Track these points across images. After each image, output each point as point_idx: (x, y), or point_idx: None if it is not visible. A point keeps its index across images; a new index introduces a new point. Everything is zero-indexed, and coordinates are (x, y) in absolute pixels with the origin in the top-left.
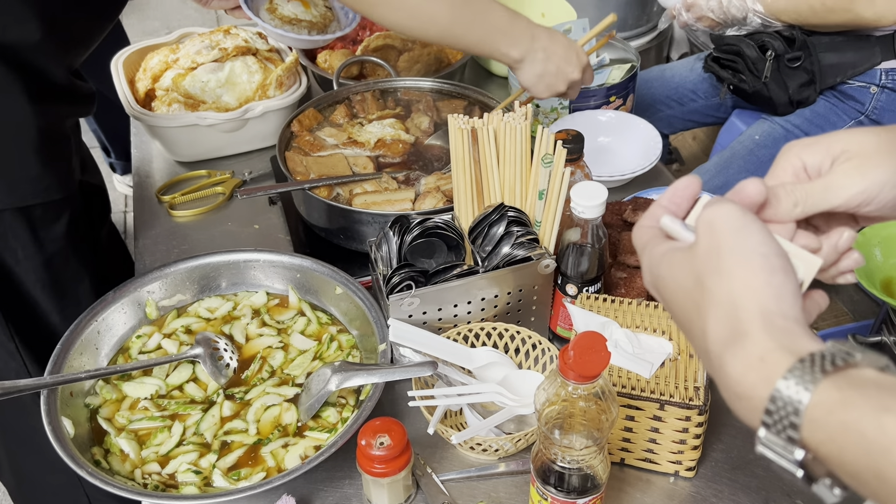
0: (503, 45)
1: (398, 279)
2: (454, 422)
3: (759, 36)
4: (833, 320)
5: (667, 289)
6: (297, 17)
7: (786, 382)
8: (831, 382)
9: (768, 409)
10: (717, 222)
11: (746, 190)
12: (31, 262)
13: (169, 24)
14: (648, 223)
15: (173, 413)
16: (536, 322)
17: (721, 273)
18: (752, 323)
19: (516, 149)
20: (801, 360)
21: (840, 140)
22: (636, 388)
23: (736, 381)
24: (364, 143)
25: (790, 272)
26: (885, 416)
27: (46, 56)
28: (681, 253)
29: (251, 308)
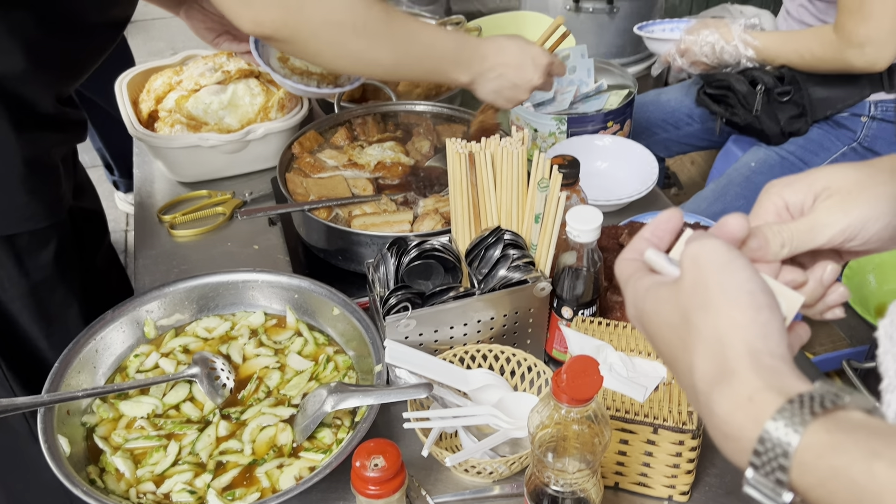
0: (452, 73)
1: (395, 300)
2: (449, 444)
3: (749, 71)
4: (830, 345)
5: (651, 323)
6: (307, 69)
7: (775, 424)
8: (821, 425)
9: (757, 450)
10: (702, 258)
11: (728, 225)
12: (16, 289)
13: (174, 45)
14: (631, 256)
15: (169, 432)
16: (532, 345)
17: (707, 309)
18: (739, 361)
19: (513, 173)
20: (790, 401)
21: (820, 177)
22: (630, 412)
23: (724, 420)
24: (364, 166)
25: (776, 309)
26: (876, 462)
27: (32, 86)
28: (666, 288)
29: (249, 328)
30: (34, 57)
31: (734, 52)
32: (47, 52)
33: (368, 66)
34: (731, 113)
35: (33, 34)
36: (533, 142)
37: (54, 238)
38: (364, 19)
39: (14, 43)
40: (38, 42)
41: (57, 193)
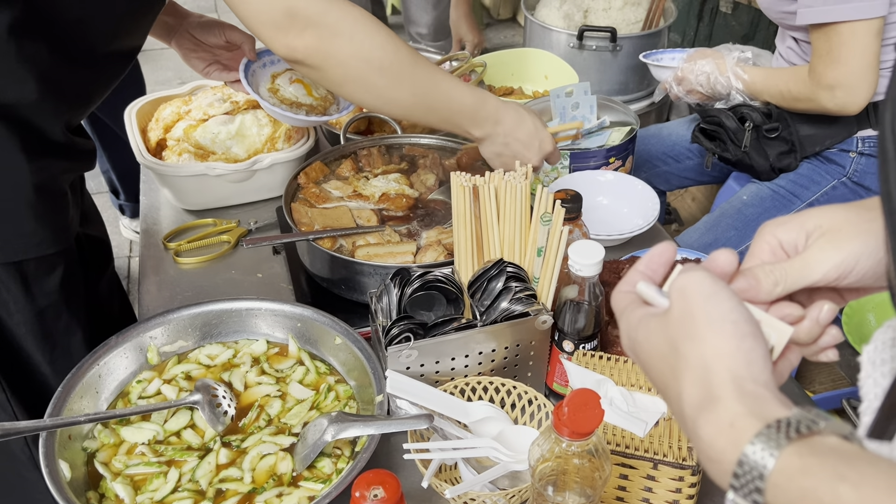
0: (466, 126)
1: (397, 331)
2: (449, 476)
3: (739, 108)
4: (830, 384)
5: (643, 352)
6: (297, 100)
7: (752, 448)
8: (794, 449)
9: (736, 472)
10: (688, 289)
11: (718, 260)
12: (22, 314)
13: (182, 74)
14: (626, 289)
15: (170, 459)
16: (533, 378)
17: (694, 338)
18: (723, 388)
19: (516, 206)
20: (768, 426)
21: (812, 217)
22: (630, 447)
23: (708, 444)
24: (369, 197)
25: (759, 337)
26: (841, 484)
27: (44, 114)
28: (655, 319)
29: (251, 356)
30: (46, 86)
31: (726, 84)
32: (59, 82)
33: (388, 105)
34: (723, 149)
35: (46, 64)
36: (536, 176)
37: (61, 264)
38: (392, 60)
39: (28, 72)
40: (50, 72)
41: (64, 220)
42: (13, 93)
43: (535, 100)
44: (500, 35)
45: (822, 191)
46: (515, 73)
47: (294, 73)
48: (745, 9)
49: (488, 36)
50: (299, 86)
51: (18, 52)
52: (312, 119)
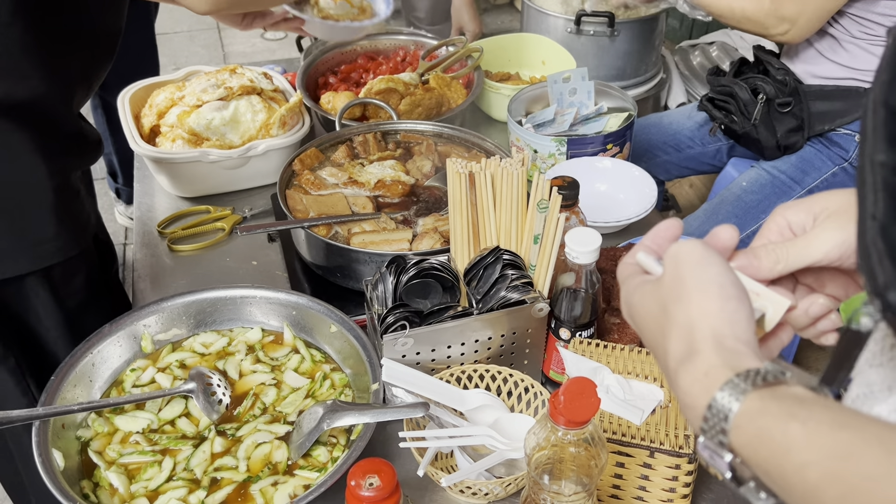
0: None
1: (393, 319)
2: (445, 464)
3: (753, 80)
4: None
5: (638, 315)
6: (338, 13)
7: (721, 394)
8: (757, 394)
9: (705, 416)
10: (680, 256)
11: (720, 235)
12: (51, 319)
13: (176, 60)
14: (630, 260)
15: (164, 448)
16: (529, 365)
17: (681, 299)
18: (704, 342)
19: (513, 193)
20: (737, 375)
21: (819, 199)
22: (627, 435)
23: (685, 391)
24: (364, 184)
25: (744, 300)
26: (791, 422)
27: (55, 104)
28: (650, 284)
29: (246, 344)
30: (51, 75)
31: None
32: (60, 68)
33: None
34: (731, 120)
35: (45, 52)
36: (533, 163)
37: (84, 265)
38: None
39: (31, 65)
40: (50, 59)
41: (83, 220)
42: (23, 89)
43: (533, 85)
44: (498, 20)
45: (822, 177)
46: (513, 59)
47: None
48: None
49: (486, 21)
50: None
51: (17, 45)
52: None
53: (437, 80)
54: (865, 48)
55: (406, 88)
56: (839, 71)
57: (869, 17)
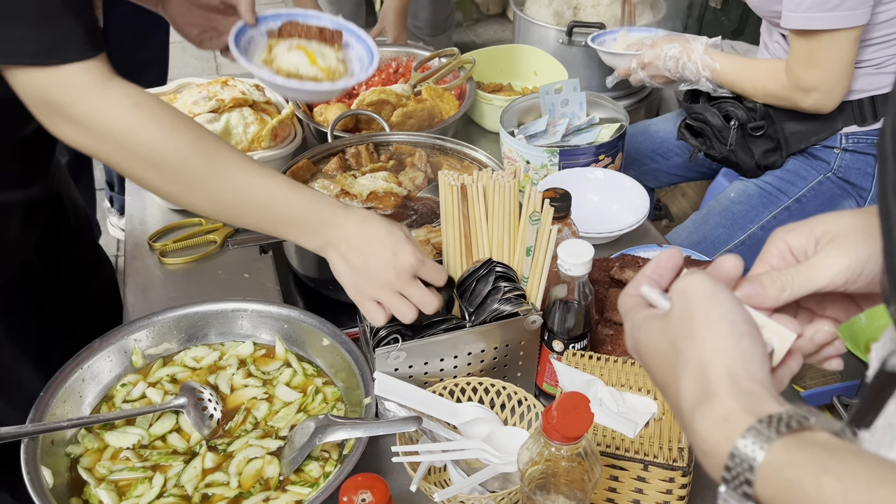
0: (295, 235)
1: (385, 332)
2: (438, 478)
3: (724, 105)
4: (821, 380)
5: (645, 352)
6: (297, 71)
7: (744, 441)
8: (783, 443)
9: (727, 465)
10: (689, 291)
11: (724, 265)
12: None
13: (169, 71)
14: (632, 292)
15: (155, 464)
16: (523, 378)
17: (693, 337)
18: (719, 384)
19: (505, 205)
20: (759, 421)
21: (820, 223)
22: (620, 448)
23: (703, 438)
24: (356, 195)
25: (757, 338)
26: (825, 476)
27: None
28: (658, 319)
29: (237, 358)
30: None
31: (695, 70)
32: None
33: (189, 207)
34: (709, 146)
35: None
36: (525, 174)
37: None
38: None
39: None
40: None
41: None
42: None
43: (525, 96)
44: (490, 31)
45: (808, 186)
46: (505, 70)
47: (298, 40)
48: (734, 4)
49: (478, 31)
50: (301, 54)
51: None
52: (322, 88)
53: (429, 91)
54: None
55: (398, 100)
56: None
57: None
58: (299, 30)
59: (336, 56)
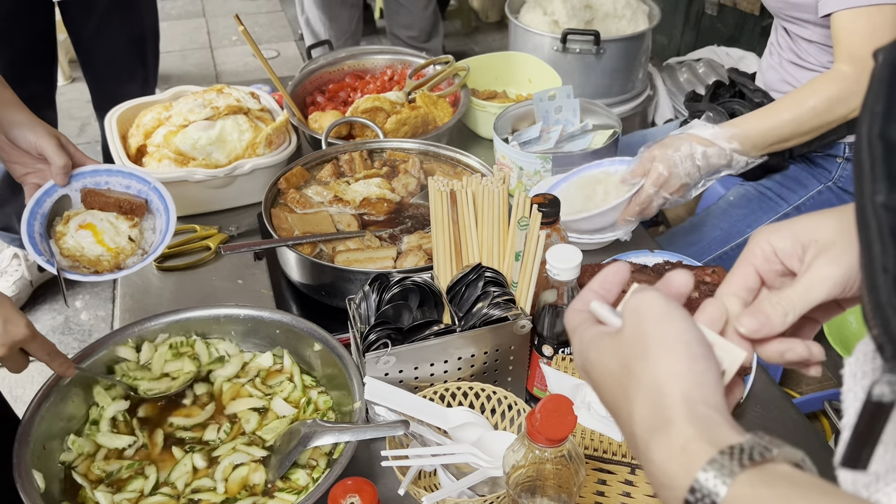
0: None
1: (375, 337)
2: (428, 483)
3: (729, 104)
4: (817, 385)
5: (595, 372)
6: (81, 252)
7: (705, 475)
8: (746, 477)
9: (688, 500)
10: (641, 309)
11: (674, 281)
12: None
13: (169, 79)
14: (579, 307)
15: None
16: (513, 382)
17: (647, 358)
18: (675, 409)
19: (494, 211)
20: (720, 453)
21: (806, 227)
22: (608, 452)
23: (659, 468)
24: (350, 202)
25: (711, 359)
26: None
27: None
28: (608, 338)
29: (257, 370)
30: None
31: (720, 152)
32: None
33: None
34: None
35: None
36: (519, 180)
37: None
38: None
39: None
40: None
41: None
42: None
43: (519, 103)
44: (489, 38)
45: (808, 195)
46: (499, 77)
47: (89, 216)
48: (730, 11)
49: (476, 39)
50: (87, 233)
51: None
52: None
53: (423, 98)
54: None
55: (392, 107)
56: None
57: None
58: (99, 200)
59: (129, 232)
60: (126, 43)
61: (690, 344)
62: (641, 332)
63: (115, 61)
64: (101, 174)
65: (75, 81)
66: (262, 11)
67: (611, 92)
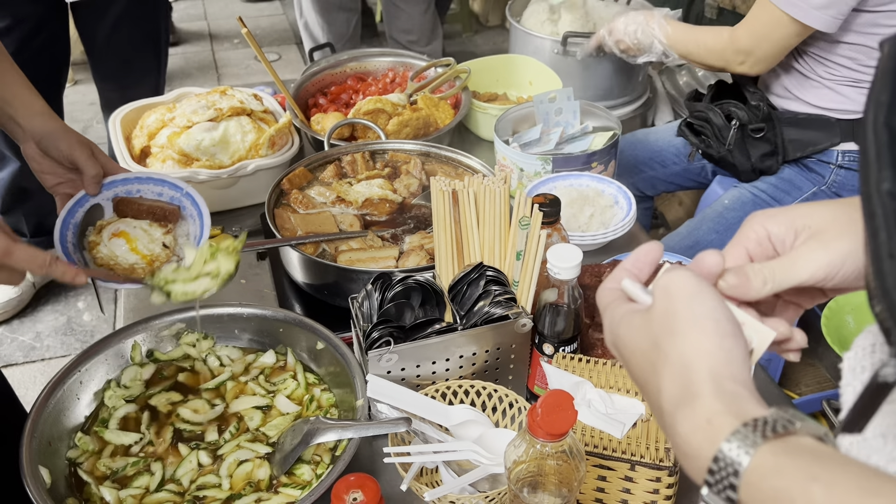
0: None
1: (377, 335)
2: (430, 479)
3: (727, 105)
4: (816, 386)
5: (626, 348)
6: (115, 261)
7: (728, 445)
8: (769, 448)
9: (711, 469)
10: (672, 287)
11: (705, 261)
12: None
13: (171, 81)
14: (611, 285)
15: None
16: (514, 381)
17: (675, 335)
18: (702, 385)
19: (495, 211)
20: (744, 425)
21: (802, 214)
22: (608, 448)
23: (684, 440)
24: (352, 202)
25: (740, 337)
26: (813, 484)
27: None
28: (639, 315)
29: (259, 369)
30: None
31: (650, 33)
32: None
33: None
34: (707, 145)
35: None
36: (519, 181)
37: None
38: None
39: None
40: None
41: None
42: None
43: (519, 105)
44: (490, 41)
45: (803, 197)
46: (500, 80)
47: (122, 224)
48: (729, 14)
49: (477, 42)
50: (121, 241)
51: None
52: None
53: (424, 100)
54: (832, 87)
55: (394, 109)
56: (808, 107)
57: (832, 59)
58: (132, 208)
59: (163, 239)
60: (142, 43)
61: (720, 322)
62: (672, 310)
63: (131, 61)
64: (132, 182)
65: (78, 84)
66: (264, 15)
67: (611, 94)
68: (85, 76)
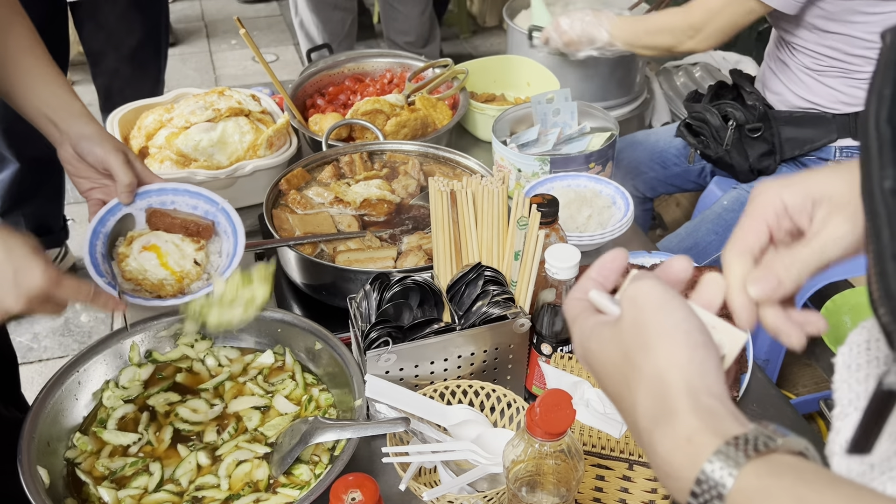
0: None
1: (376, 335)
2: (428, 479)
3: (724, 106)
4: (813, 386)
5: (596, 361)
6: (145, 276)
7: (711, 466)
8: (752, 469)
9: (694, 490)
10: (640, 298)
11: (672, 267)
12: None
13: (168, 83)
14: (578, 296)
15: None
16: (512, 381)
17: (647, 348)
18: (678, 400)
19: (493, 211)
20: (726, 443)
21: (818, 182)
22: (606, 448)
23: (665, 459)
24: (350, 203)
25: (712, 347)
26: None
27: None
28: (608, 327)
29: (258, 369)
30: None
31: (596, 23)
32: None
33: None
34: (705, 146)
35: None
36: (517, 182)
37: None
38: None
39: None
40: None
41: None
42: None
43: (517, 106)
44: (487, 42)
45: None
46: (497, 80)
47: (153, 237)
48: None
49: (475, 43)
50: (151, 255)
51: None
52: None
53: (422, 101)
54: (821, 80)
55: (392, 109)
56: (800, 101)
57: (817, 50)
58: (165, 221)
59: (195, 255)
60: (141, 43)
61: (690, 332)
62: (641, 322)
63: (129, 62)
64: (167, 193)
65: (76, 84)
66: (261, 16)
67: (608, 95)
68: (83, 76)
